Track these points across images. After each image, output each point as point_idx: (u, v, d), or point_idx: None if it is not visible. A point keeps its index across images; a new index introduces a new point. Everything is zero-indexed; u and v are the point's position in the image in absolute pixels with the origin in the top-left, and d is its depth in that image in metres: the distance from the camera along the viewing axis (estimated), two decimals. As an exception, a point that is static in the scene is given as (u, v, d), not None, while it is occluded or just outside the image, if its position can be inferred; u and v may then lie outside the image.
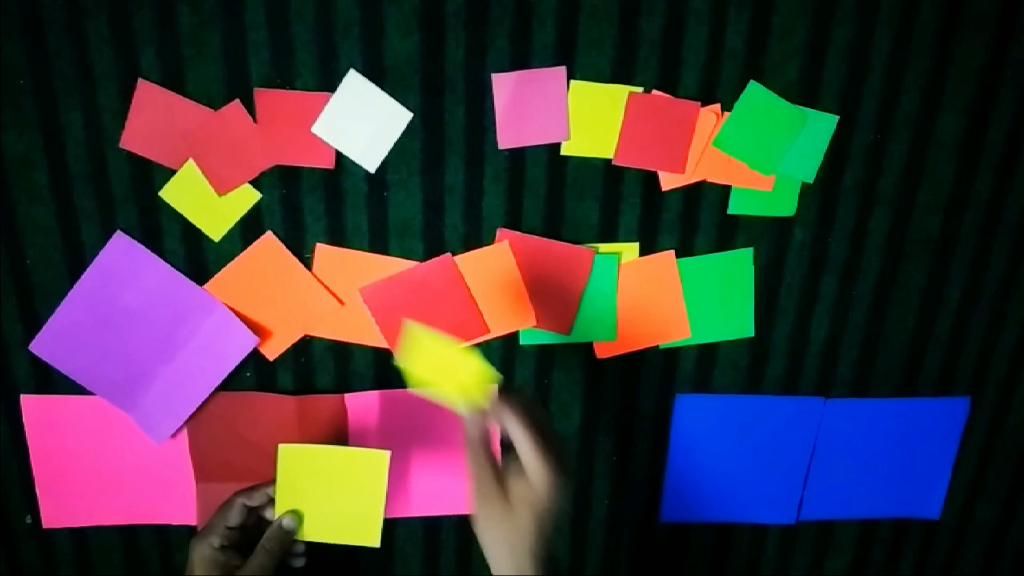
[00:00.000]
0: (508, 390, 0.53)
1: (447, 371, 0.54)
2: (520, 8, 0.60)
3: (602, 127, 0.63)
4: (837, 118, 0.64)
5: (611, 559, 0.76)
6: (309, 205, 0.64)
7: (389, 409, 0.69)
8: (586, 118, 0.63)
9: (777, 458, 0.75)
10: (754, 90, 0.63)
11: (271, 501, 0.61)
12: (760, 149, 0.64)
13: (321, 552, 0.72)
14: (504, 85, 0.61)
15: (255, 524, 0.61)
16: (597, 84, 0.62)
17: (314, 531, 0.61)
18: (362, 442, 0.70)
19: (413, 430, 0.70)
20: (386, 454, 0.59)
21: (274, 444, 0.60)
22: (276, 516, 0.60)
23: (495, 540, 0.52)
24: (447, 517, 0.73)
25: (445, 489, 0.72)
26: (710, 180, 0.65)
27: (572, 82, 0.62)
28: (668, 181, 0.65)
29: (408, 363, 0.54)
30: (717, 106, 0.63)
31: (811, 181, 0.65)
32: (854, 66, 0.63)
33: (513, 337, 0.68)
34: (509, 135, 0.63)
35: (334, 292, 0.66)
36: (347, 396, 0.69)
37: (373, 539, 0.61)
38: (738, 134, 0.64)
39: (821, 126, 0.64)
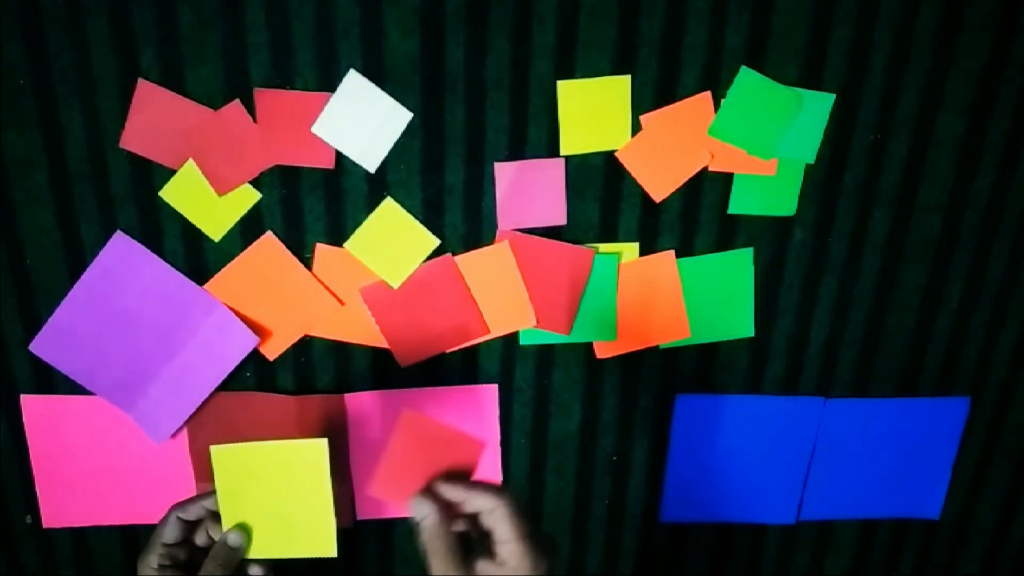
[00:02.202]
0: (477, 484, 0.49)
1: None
2: (520, 8, 0.60)
3: (602, 121, 0.63)
4: (834, 96, 0.64)
5: (611, 559, 0.76)
6: (309, 205, 0.64)
7: (389, 409, 0.69)
8: (584, 115, 0.63)
9: (777, 458, 0.75)
10: (746, 75, 0.63)
11: (211, 515, 0.53)
12: (758, 134, 0.64)
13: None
14: (505, 174, 0.63)
15: (211, 540, 0.54)
16: (591, 79, 0.62)
17: (263, 546, 0.53)
18: (362, 442, 0.70)
19: (413, 430, 0.70)
20: (323, 442, 0.51)
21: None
22: (224, 529, 0.53)
23: None
24: (447, 517, 0.73)
25: (445, 489, 0.72)
26: (712, 169, 0.65)
27: (563, 82, 0.62)
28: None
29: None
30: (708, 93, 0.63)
31: (812, 161, 0.65)
32: (854, 66, 0.63)
33: (513, 337, 0.68)
34: (510, 218, 0.65)
35: (334, 292, 0.66)
36: (347, 396, 0.69)
37: (328, 548, 0.52)
38: (734, 121, 0.64)
39: (818, 106, 0.64)
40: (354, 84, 0.60)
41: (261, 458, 0.53)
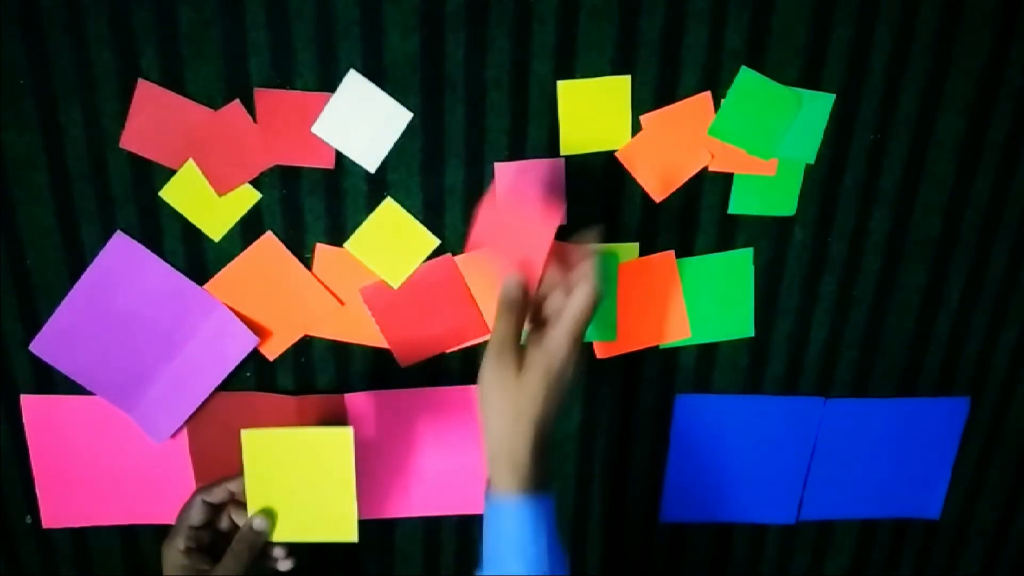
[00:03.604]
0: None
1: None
2: (520, 8, 0.60)
3: (602, 121, 0.63)
4: (834, 96, 0.64)
5: (611, 559, 0.76)
6: (309, 205, 0.64)
7: (389, 409, 0.69)
8: (584, 115, 0.63)
9: (777, 458, 0.75)
10: (746, 75, 0.63)
11: (233, 498, 0.56)
12: (758, 134, 0.64)
13: (322, 552, 0.72)
14: (505, 174, 0.63)
15: (234, 524, 0.58)
16: (591, 79, 0.62)
17: (287, 530, 0.56)
18: (362, 442, 0.70)
19: (413, 430, 0.70)
20: (349, 431, 0.54)
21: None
22: (249, 513, 0.56)
23: (499, 404, 0.51)
24: (447, 517, 0.73)
25: (445, 489, 0.72)
26: (712, 169, 0.65)
27: (563, 82, 0.62)
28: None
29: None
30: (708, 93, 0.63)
31: (812, 161, 0.65)
32: (854, 66, 0.63)
33: (513, 337, 0.68)
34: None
35: (334, 292, 0.66)
36: (347, 396, 0.69)
37: (349, 533, 0.55)
38: (734, 121, 0.64)
39: (818, 106, 0.64)
40: (354, 84, 0.60)
41: (289, 443, 0.55)
